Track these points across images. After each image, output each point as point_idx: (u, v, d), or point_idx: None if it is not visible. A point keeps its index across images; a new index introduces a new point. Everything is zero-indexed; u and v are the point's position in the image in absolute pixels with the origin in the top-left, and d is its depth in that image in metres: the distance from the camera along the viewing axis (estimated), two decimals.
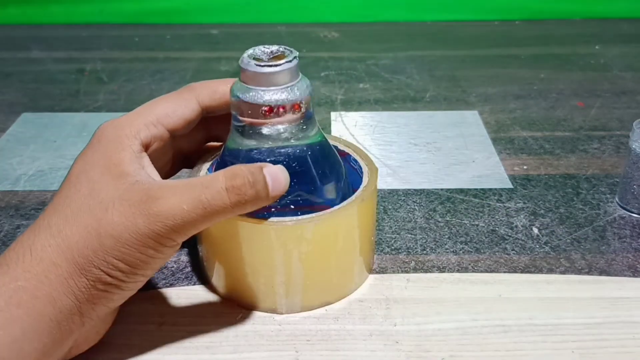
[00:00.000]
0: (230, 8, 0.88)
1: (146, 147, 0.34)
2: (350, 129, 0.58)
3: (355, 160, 0.39)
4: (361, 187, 0.37)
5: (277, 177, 0.32)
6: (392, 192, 0.48)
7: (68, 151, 0.54)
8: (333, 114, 0.60)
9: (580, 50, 0.77)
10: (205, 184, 0.31)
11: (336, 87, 0.66)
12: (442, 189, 0.48)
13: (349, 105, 0.63)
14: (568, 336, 0.35)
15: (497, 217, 0.45)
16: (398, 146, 0.55)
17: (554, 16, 0.88)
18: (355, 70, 0.71)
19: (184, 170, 0.46)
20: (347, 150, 0.40)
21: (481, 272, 0.40)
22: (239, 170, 0.31)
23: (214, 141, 0.40)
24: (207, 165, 0.38)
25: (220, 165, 0.36)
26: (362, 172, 0.38)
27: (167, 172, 0.38)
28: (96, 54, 0.76)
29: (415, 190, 0.48)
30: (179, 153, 0.38)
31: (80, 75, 0.70)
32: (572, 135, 0.56)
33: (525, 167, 0.51)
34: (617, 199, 0.46)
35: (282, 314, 0.36)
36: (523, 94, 0.65)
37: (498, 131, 0.57)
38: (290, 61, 0.33)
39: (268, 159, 0.34)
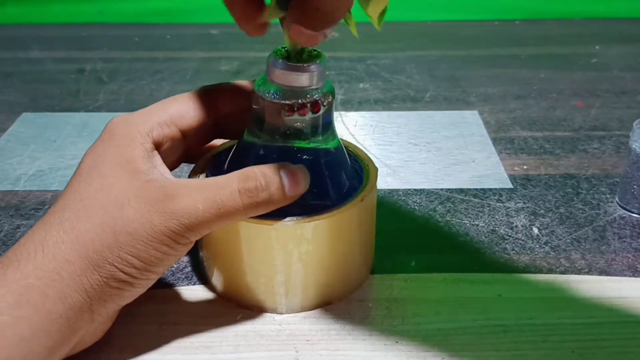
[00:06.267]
0: None
1: (157, 146, 0.34)
2: (350, 129, 0.58)
3: (356, 160, 0.39)
4: (361, 187, 0.37)
5: (295, 177, 0.32)
6: (392, 192, 0.48)
7: (68, 151, 0.54)
8: (334, 115, 0.60)
9: (580, 50, 0.77)
10: (219, 185, 0.31)
11: (336, 87, 0.66)
12: (442, 189, 0.48)
13: (349, 105, 0.63)
14: (568, 336, 0.35)
15: (497, 217, 0.45)
16: (398, 146, 0.55)
17: (554, 16, 0.88)
18: (355, 70, 0.71)
19: (184, 168, 0.46)
20: (347, 150, 0.40)
21: (481, 272, 0.40)
22: (252, 173, 0.31)
23: (219, 137, 0.40)
24: (204, 172, 0.37)
25: (234, 159, 0.36)
26: (362, 172, 0.38)
27: (171, 168, 0.38)
28: (96, 54, 0.76)
29: (415, 190, 0.48)
30: (185, 151, 0.38)
31: (80, 75, 0.70)
32: (572, 135, 0.56)
33: (525, 167, 0.51)
34: (617, 199, 0.46)
35: (282, 314, 0.36)
36: (523, 94, 0.65)
37: (498, 131, 0.57)
38: (321, 62, 0.33)
39: (283, 159, 0.34)
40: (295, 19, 0.28)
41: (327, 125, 0.35)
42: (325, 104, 0.34)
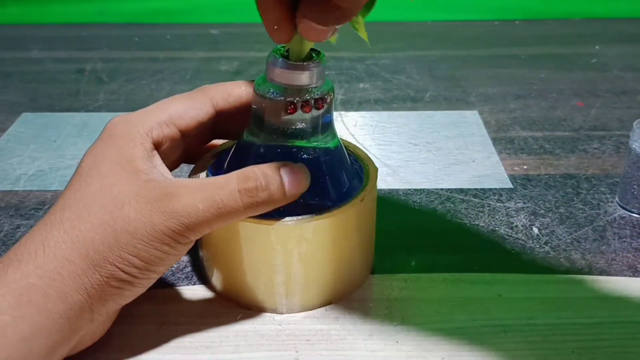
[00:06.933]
0: (230, 8, 0.88)
1: (157, 146, 0.34)
2: (350, 129, 0.58)
3: (355, 160, 0.39)
4: (361, 187, 0.37)
5: (295, 176, 0.32)
6: (392, 192, 0.48)
7: (68, 151, 0.54)
8: (333, 114, 0.60)
9: (580, 50, 0.77)
10: (219, 185, 0.31)
11: (336, 87, 0.66)
12: (442, 189, 0.48)
13: (349, 105, 0.63)
14: (568, 336, 0.35)
15: (497, 217, 0.45)
16: (398, 146, 0.55)
17: (554, 16, 0.88)
18: (355, 70, 0.71)
19: (183, 168, 0.46)
20: (347, 150, 0.40)
21: (481, 272, 0.40)
22: (252, 173, 0.31)
23: (218, 138, 0.40)
24: (204, 172, 0.37)
25: (234, 159, 0.36)
26: (362, 172, 0.38)
27: (171, 168, 0.38)
28: (96, 54, 0.76)
29: (415, 190, 0.48)
30: (185, 151, 0.38)
31: (80, 75, 0.70)
32: (572, 135, 0.56)
33: (525, 167, 0.51)
34: (617, 199, 0.46)
35: (282, 314, 0.36)
36: (523, 94, 0.65)
37: (498, 131, 0.57)
38: (320, 61, 0.33)
39: (283, 158, 0.34)
40: (309, 15, 0.28)
41: (327, 125, 0.35)
42: (326, 102, 0.34)
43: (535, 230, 0.44)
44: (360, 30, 0.32)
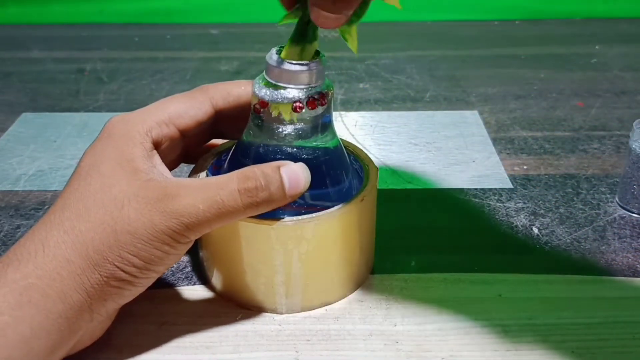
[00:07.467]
0: (230, 8, 0.88)
1: (156, 146, 0.34)
2: (350, 129, 0.58)
3: (356, 160, 0.39)
4: (361, 187, 0.37)
5: (295, 176, 0.32)
6: (392, 192, 0.48)
7: (68, 151, 0.54)
8: (333, 114, 0.60)
9: (580, 50, 0.77)
10: (220, 185, 0.31)
11: (336, 87, 0.66)
12: (442, 189, 0.48)
13: (349, 105, 0.63)
14: (568, 336, 0.35)
15: (497, 217, 0.45)
16: (398, 146, 0.55)
17: (554, 16, 0.88)
18: (355, 70, 0.71)
19: (183, 167, 0.46)
20: (347, 150, 0.40)
21: (481, 272, 0.40)
22: (252, 173, 0.31)
23: (218, 137, 0.40)
24: (204, 171, 0.37)
25: (234, 159, 0.36)
26: (362, 172, 0.38)
27: (170, 167, 0.38)
28: (96, 54, 0.76)
29: (415, 190, 0.48)
30: (183, 151, 0.38)
31: (80, 75, 0.70)
32: (572, 135, 0.56)
33: (525, 167, 0.51)
34: (617, 199, 0.46)
35: (282, 314, 0.36)
36: (523, 94, 0.65)
37: (498, 131, 0.57)
38: (320, 61, 0.33)
39: (283, 158, 0.34)
40: (319, 2, 0.29)
41: (327, 124, 0.35)
42: (325, 101, 0.34)
43: (535, 230, 0.44)
44: (350, 41, 0.32)
